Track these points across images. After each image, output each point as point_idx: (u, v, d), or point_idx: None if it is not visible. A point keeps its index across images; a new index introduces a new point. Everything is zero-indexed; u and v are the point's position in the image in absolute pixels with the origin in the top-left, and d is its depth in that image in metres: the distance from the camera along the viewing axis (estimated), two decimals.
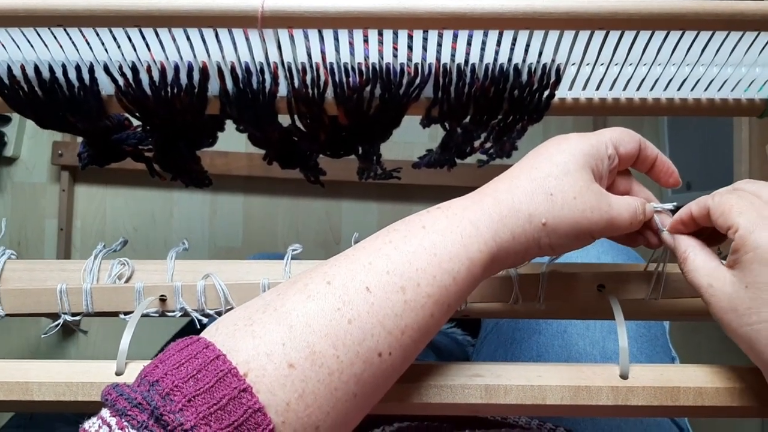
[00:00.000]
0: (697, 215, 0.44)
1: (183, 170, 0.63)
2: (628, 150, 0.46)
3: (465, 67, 0.50)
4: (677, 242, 0.45)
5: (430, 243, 0.39)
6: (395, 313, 0.37)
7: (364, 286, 0.36)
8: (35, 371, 0.44)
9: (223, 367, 0.32)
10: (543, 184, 0.42)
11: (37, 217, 1.62)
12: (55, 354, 1.61)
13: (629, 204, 0.45)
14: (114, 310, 0.50)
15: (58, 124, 0.54)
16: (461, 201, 0.42)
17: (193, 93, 0.51)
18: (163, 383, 0.32)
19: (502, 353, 0.72)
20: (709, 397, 0.43)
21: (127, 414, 0.31)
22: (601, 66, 0.50)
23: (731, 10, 0.44)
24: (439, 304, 0.39)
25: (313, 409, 0.33)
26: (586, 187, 0.42)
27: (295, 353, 0.34)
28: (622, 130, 0.46)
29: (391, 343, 0.36)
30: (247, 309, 0.37)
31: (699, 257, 0.43)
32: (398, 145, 1.60)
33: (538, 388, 0.43)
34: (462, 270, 0.39)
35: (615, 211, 0.44)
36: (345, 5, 0.44)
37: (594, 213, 0.42)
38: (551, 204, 0.41)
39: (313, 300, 0.36)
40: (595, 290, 0.49)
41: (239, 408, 0.31)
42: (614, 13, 0.44)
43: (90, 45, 0.48)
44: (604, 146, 0.44)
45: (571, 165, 0.42)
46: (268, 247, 1.62)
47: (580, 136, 0.45)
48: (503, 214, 0.41)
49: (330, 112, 0.53)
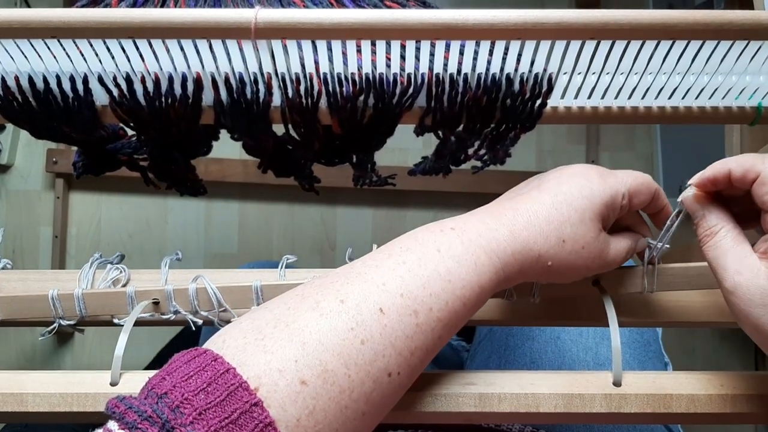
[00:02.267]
0: (737, 177, 0.40)
1: (178, 179, 0.63)
2: (641, 201, 0.45)
3: (457, 76, 0.50)
4: (707, 213, 0.42)
5: (445, 269, 0.39)
6: (406, 335, 0.37)
7: (377, 307, 0.36)
8: (30, 382, 0.44)
9: (234, 380, 0.32)
10: (559, 229, 0.42)
11: (32, 224, 1.62)
12: (51, 361, 1.61)
13: (626, 248, 0.46)
14: (107, 314, 0.50)
15: (53, 134, 0.54)
16: (476, 225, 0.42)
17: (188, 103, 0.51)
18: (172, 396, 0.31)
19: (495, 359, 0.72)
20: (702, 404, 0.43)
21: (137, 427, 0.30)
22: (593, 75, 0.51)
23: (720, 20, 0.44)
24: (448, 327, 0.39)
25: (323, 426, 0.33)
26: (595, 237, 0.43)
27: (307, 370, 0.33)
28: (643, 180, 0.45)
29: (400, 363, 0.37)
30: (254, 321, 0.36)
31: (729, 236, 0.40)
32: (392, 152, 1.61)
33: (532, 396, 0.43)
34: (472, 297, 0.40)
35: (612, 257, 0.45)
36: (338, 16, 0.44)
37: (595, 262, 0.43)
38: (561, 249, 0.42)
39: (326, 318, 0.36)
40: (589, 284, 0.49)
41: (250, 422, 0.31)
42: (605, 23, 0.44)
43: (84, 56, 0.48)
44: (621, 197, 0.44)
45: (587, 214, 0.42)
46: (263, 253, 1.62)
47: (602, 178, 0.44)
48: (516, 250, 0.41)
49: (324, 122, 0.53)
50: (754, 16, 0.44)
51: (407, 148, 1.59)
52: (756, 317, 0.38)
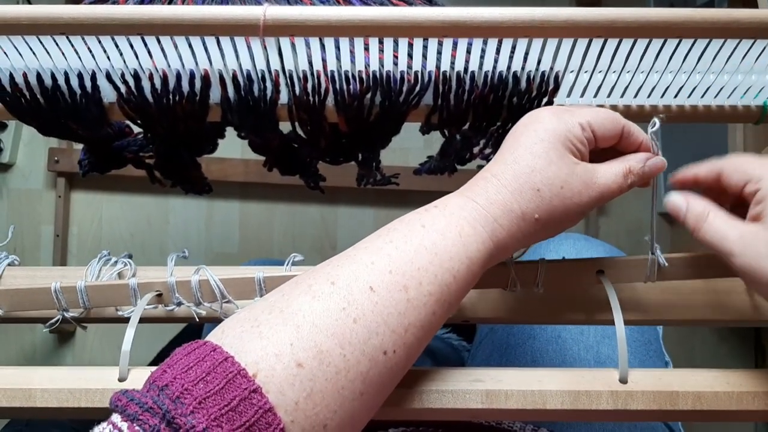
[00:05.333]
0: (705, 176, 0.44)
1: (183, 177, 0.64)
2: (607, 132, 0.45)
3: (464, 74, 0.50)
4: (691, 204, 0.45)
5: (431, 242, 0.40)
6: (399, 312, 0.37)
7: (367, 285, 0.37)
8: (38, 378, 0.44)
9: (232, 368, 0.33)
10: (528, 180, 0.42)
11: (33, 223, 1.62)
12: (51, 361, 1.61)
13: (616, 173, 0.44)
14: (110, 305, 0.50)
15: (60, 131, 0.55)
16: (456, 199, 0.43)
17: (195, 100, 0.51)
18: (172, 387, 0.32)
19: (497, 358, 0.72)
20: (708, 402, 0.43)
21: (138, 418, 0.31)
22: (599, 73, 0.51)
23: (727, 18, 0.44)
24: (441, 302, 0.39)
25: (321, 408, 0.34)
26: (571, 172, 0.43)
27: (303, 353, 0.34)
28: (606, 115, 0.45)
29: (395, 341, 0.37)
30: (251, 311, 0.37)
31: (720, 215, 0.43)
32: (394, 151, 1.59)
33: (539, 393, 0.43)
34: (462, 269, 0.40)
35: (603, 186, 0.44)
36: (346, 14, 0.44)
37: (582, 196, 0.43)
38: (540, 199, 0.42)
39: (318, 300, 0.36)
40: (594, 276, 0.49)
41: (250, 408, 0.32)
42: (612, 21, 0.44)
43: (92, 52, 0.48)
44: (579, 128, 0.44)
45: (552, 154, 0.42)
46: (264, 252, 1.62)
47: (555, 115, 0.44)
48: (497, 215, 0.42)
49: (330, 120, 0.53)
50: (761, 15, 0.44)
51: (409, 148, 1.59)
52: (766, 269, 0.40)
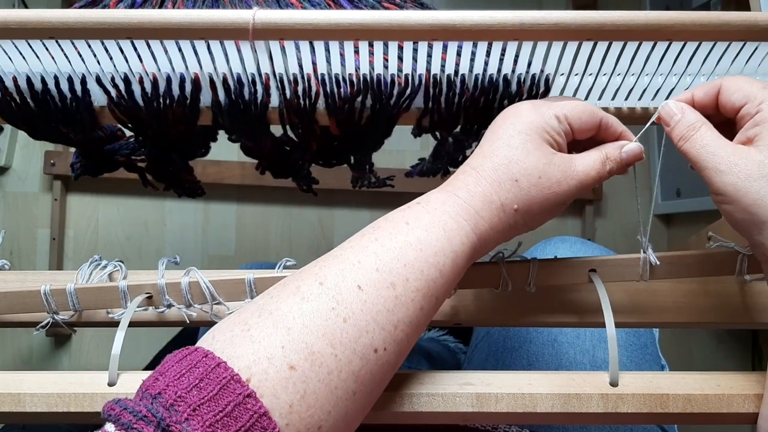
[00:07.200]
0: (704, 95, 0.44)
1: (176, 180, 0.63)
2: (584, 124, 0.45)
3: (455, 77, 0.50)
4: (686, 112, 0.44)
5: (416, 239, 0.40)
6: (387, 309, 0.38)
7: (355, 284, 0.37)
8: (27, 383, 0.44)
9: (225, 374, 0.32)
10: (507, 171, 0.42)
11: (30, 226, 1.62)
12: (48, 364, 1.60)
13: (594, 160, 0.45)
14: (100, 308, 0.50)
15: (51, 135, 0.55)
16: (438, 195, 0.43)
17: (186, 104, 0.51)
18: (165, 395, 0.32)
19: (493, 361, 0.72)
20: (699, 404, 0.43)
21: (132, 427, 0.30)
22: (590, 76, 0.51)
23: (717, 21, 0.44)
24: (428, 297, 0.40)
25: (315, 409, 0.34)
26: (548, 162, 0.43)
27: (294, 355, 0.34)
28: (584, 107, 0.45)
29: (385, 338, 0.37)
30: (241, 314, 0.37)
31: (711, 131, 0.42)
32: (390, 154, 1.61)
33: (529, 396, 0.43)
34: (447, 263, 0.40)
35: (581, 174, 0.44)
36: (335, 17, 0.44)
37: (561, 185, 0.43)
38: (519, 190, 0.42)
39: (307, 301, 0.36)
40: (586, 275, 0.49)
41: (245, 413, 0.32)
42: (601, 24, 0.44)
43: (82, 57, 0.48)
44: (556, 121, 0.44)
45: (529, 145, 0.43)
46: (261, 254, 1.62)
47: (532, 108, 0.44)
48: (478, 208, 0.42)
49: (322, 123, 0.53)
50: (751, 18, 0.44)
51: (405, 150, 1.59)
52: (756, 191, 0.39)
